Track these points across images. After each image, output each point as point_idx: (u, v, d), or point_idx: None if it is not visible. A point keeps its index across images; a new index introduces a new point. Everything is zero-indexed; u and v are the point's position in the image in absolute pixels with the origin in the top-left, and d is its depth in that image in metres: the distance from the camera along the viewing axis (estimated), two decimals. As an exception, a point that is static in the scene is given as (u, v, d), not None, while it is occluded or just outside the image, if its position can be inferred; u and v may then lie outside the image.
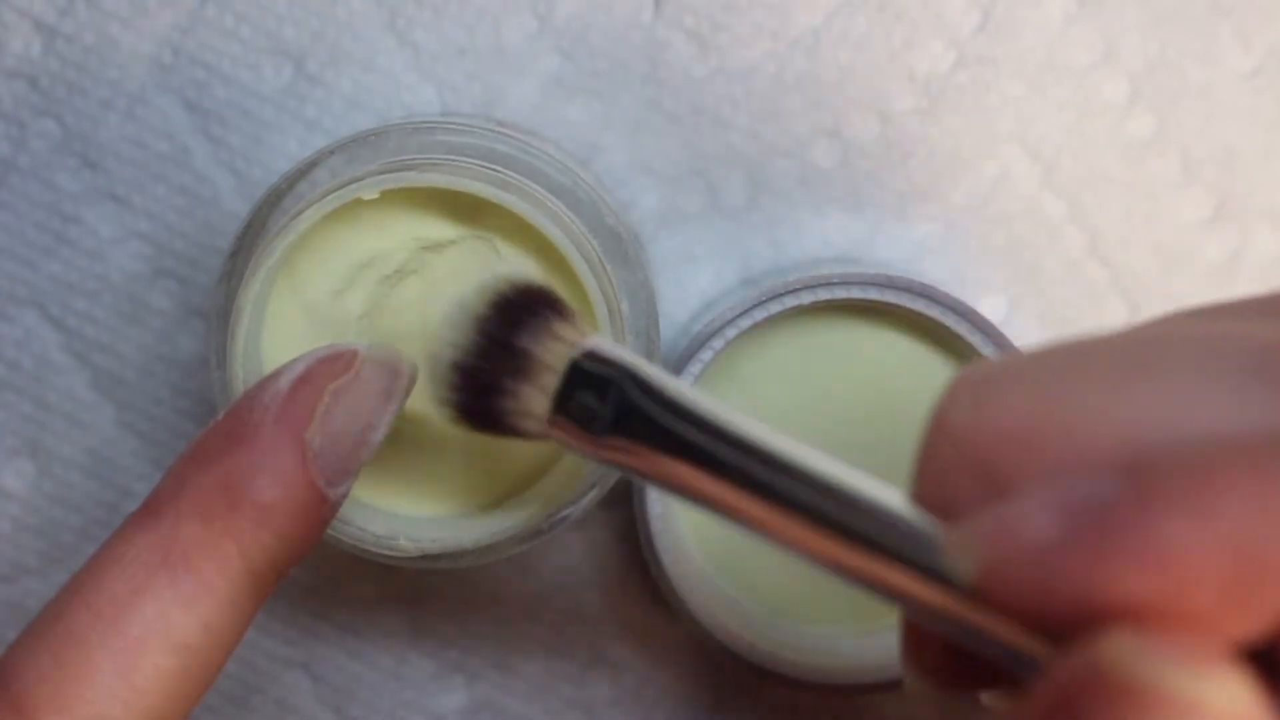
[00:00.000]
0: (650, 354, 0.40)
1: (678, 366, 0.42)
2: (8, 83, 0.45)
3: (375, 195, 0.37)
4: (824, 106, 0.46)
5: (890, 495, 0.28)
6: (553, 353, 0.32)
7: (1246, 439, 0.24)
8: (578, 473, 0.39)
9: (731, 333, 0.42)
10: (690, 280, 0.46)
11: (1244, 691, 0.24)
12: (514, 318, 0.33)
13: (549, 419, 0.32)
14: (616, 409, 0.31)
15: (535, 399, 0.32)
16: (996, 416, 0.26)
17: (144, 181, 0.46)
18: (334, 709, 0.47)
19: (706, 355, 0.42)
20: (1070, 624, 0.25)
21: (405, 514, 0.40)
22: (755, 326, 0.42)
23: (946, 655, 0.29)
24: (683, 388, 0.31)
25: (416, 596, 0.47)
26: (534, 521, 0.39)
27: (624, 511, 0.46)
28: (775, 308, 0.42)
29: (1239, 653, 0.24)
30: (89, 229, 0.46)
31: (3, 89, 0.45)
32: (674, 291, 0.46)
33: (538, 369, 0.32)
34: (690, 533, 0.44)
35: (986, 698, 0.30)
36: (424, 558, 0.39)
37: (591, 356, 0.32)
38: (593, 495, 0.40)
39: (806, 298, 0.42)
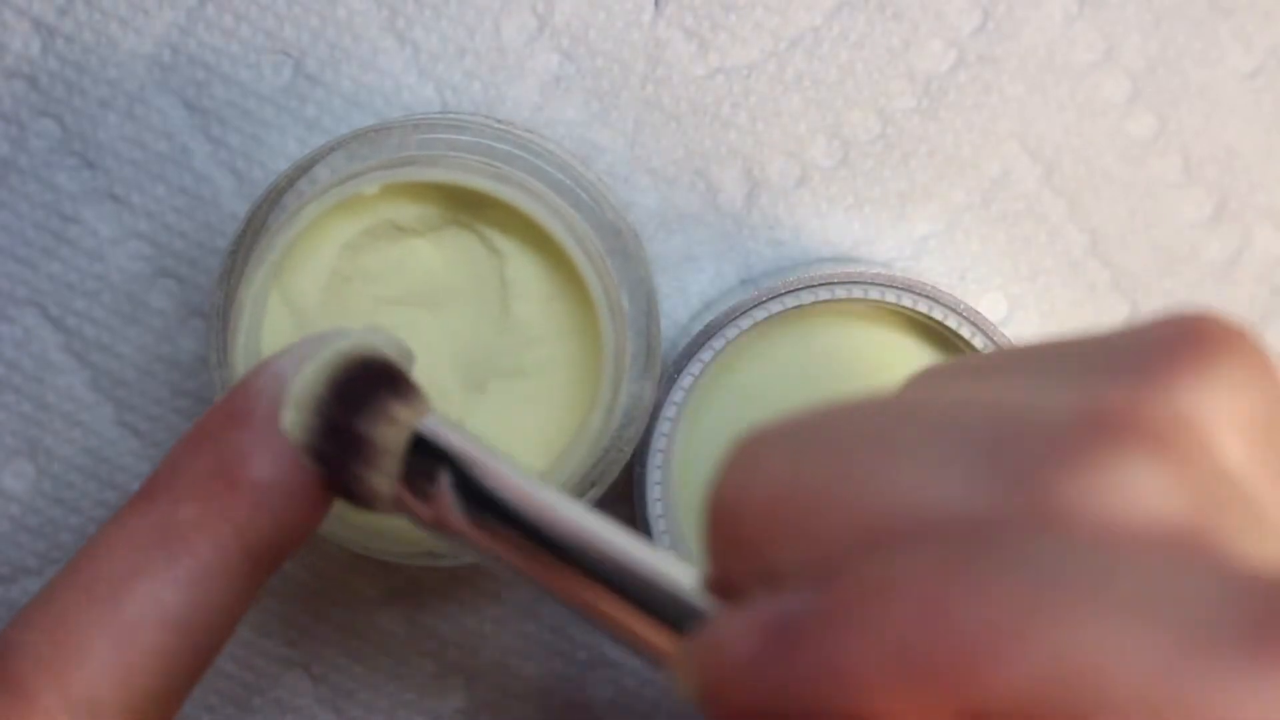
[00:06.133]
0: (650, 350, 0.40)
1: (678, 366, 0.42)
2: (7, 83, 0.45)
3: (376, 190, 0.37)
4: (824, 106, 0.46)
5: (683, 576, 0.29)
6: (387, 436, 0.32)
7: (943, 530, 0.24)
8: (577, 472, 0.39)
9: (732, 333, 0.42)
10: (690, 280, 0.46)
11: None
12: (349, 400, 0.33)
13: (395, 500, 0.33)
14: (453, 488, 0.32)
15: (379, 481, 0.32)
16: (754, 494, 0.27)
17: (144, 181, 0.46)
18: (334, 709, 0.47)
19: (706, 355, 0.42)
20: None
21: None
22: (755, 326, 0.42)
23: None
24: (506, 468, 0.32)
25: (416, 596, 0.46)
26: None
27: (624, 510, 0.46)
28: (775, 308, 0.42)
29: None
30: (89, 229, 0.46)
31: (2, 89, 0.45)
32: (674, 291, 0.46)
33: (375, 453, 0.32)
34: (692, 533, 0.44)
35: None
36: (424, 556, 0.39)
37: (424, 438, 0.32)
38: (592, 494, 0.40)
39: (806, 298, 0.42)
